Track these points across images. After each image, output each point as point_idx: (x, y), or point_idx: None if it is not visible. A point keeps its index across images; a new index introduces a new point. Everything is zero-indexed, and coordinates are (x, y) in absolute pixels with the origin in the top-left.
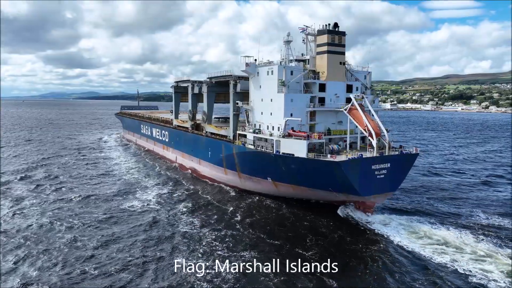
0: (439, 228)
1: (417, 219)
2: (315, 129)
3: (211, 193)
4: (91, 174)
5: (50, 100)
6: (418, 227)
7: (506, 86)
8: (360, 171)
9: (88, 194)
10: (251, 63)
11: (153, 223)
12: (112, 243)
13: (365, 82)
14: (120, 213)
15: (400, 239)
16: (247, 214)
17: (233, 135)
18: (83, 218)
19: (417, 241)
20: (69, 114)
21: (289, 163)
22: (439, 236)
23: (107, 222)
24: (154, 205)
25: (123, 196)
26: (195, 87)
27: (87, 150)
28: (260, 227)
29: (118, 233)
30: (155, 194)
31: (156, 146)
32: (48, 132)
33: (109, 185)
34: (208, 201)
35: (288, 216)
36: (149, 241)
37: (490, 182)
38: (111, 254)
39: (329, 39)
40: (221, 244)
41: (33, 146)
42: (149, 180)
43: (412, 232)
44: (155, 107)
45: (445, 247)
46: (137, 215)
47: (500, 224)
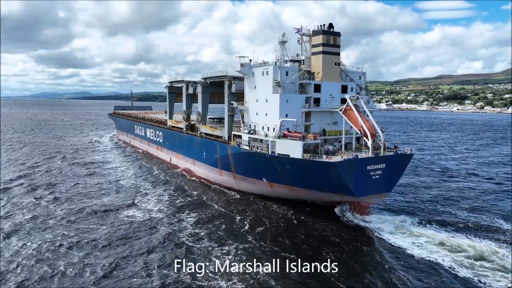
0: (435, 230)
1: (413, 219)
2: (310, 129)
3: (217, 200)
4: (88, 181)
5: (42, 100)
6: (413, 227)
7: (499, 86)
8: (355, 172)
9: (85, 205)
10: (246, 63)
11: (156, 234)
12: (119, 264)
13: (360, 83)
14: (123, 225)
15: (395, 240)
16: (254, 220)
17: (228, 135)
18: (84, 234)
19: (413, 241)
20: (62, 114)
21: (284, 164)
22: (437, 237)
23: (111, 239)
24: (157, 214)
25: (124, 206)
26: (190, 87)
27: (81, 153)
28: (261, 229)
29: (123, 252)
30: (156, 201)
31: (150, 147)
32: (40, 134)
33: (107, 194)
34: (215, 210)
35: (286, 215)
36: (150, 250)
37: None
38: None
39: (324, 39)
40: (221, 246)
41: (27, 150)
42: (148, 185)
43: (406, 231)
44: (149, 108)
45: (441, 248)
46: (140, 227)
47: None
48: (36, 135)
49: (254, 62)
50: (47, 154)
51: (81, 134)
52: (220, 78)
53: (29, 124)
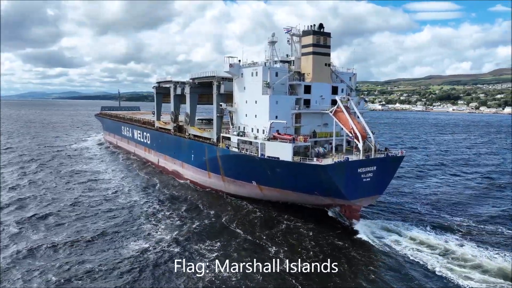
0: (429, 232)
1: (405, 223)
2: (300, 131)
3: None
4: (81, 200)
5: (28, 100)
6: (406, 230)
7: (488, 87)
8: (346, 175)
9: (80, 233)
10: (235, 63)
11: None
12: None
13: (350, 84)
14: (130, 262)
15: (388, 242)
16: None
17: (216, 137)
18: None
19: (405, 243)
20: (48, 115)
21: (274, 167)
22: (429, 239)
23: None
24: (172, 248)
25: (123, 231)
26: (178, 88)
27: (69, 160)
28: (261, 229)
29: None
30: (164, 228)
31: (137, 148)
32: (27, 137)
33: (104, 216)
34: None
35: (283, 216)
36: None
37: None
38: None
39: (314, 40)
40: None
41: (13, 157)
42: (149, 202)
43: (400, 234)
44: (136, 108)
45: (433, 251)
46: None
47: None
48: (23, 139)
49: (244, 63)
50: (32, 162)
51: (69, 135)
52: (208, 78)
53: (11, 126)
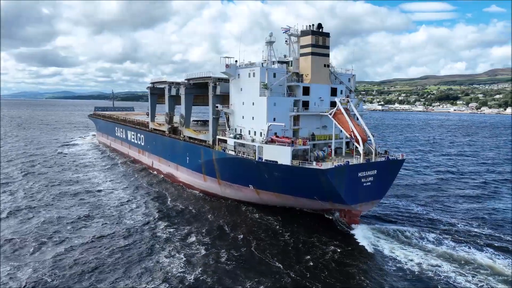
0: (430, 239)
1: (403, 227)
2: (299, 134)
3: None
4: (81, 222)
5: (20, 100)
6: (406, 237)
7: (485, 87)
8: (347, 179)
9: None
10: (232, 64)
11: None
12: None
13: (349, 85)
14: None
15: (387, 247)
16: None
17: (212, 140)
18: None
19: (405, 249)
20: (42, 117)
21: (272, 171)
22: (427, 246)
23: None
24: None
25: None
26: (172, 88)
27: (62, 168)
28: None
29: None
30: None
31: (131, 150)
32: (16, 140)
33: (108, 245)
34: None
35: (284, 220)
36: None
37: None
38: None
39: (313, 40)
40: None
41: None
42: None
43: (400, 240)
44: (130, 108)
45: (435, 257)
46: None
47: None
48: (12, 142)
49: (241, 63)
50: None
51: (61, 137)
52: (204, 79)
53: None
